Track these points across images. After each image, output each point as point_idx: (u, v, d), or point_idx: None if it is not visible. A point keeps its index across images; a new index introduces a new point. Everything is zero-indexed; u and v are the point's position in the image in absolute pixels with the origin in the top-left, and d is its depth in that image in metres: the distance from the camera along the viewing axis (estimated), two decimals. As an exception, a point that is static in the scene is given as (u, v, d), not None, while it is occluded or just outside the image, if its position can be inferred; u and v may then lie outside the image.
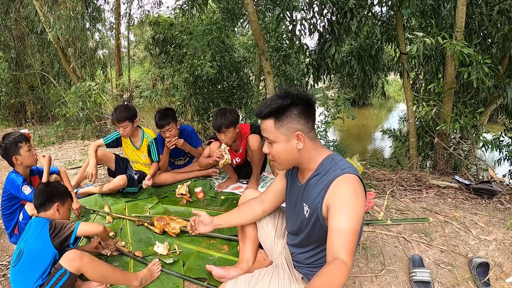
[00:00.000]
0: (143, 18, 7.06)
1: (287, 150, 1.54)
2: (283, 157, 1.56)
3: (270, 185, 1.94)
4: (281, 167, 1.64)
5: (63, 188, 2.28)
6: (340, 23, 4.47)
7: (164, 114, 3.40)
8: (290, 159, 1.57)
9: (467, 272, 2.11)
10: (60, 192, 2.21)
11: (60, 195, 2.19)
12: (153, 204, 3.16)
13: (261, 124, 1.59)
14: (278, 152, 1.55)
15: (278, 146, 1.54)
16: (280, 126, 1.51)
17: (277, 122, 1.51)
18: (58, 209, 2.15)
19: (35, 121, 8.87)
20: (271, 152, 1.58)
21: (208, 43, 6.42)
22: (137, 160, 3.54)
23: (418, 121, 4.78)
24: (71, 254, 1.80)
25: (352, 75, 5.12)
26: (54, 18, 5.93)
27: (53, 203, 2.13)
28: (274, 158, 1.59)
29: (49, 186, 2.20)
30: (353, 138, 11.85)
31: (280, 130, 1.52)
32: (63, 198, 2.21)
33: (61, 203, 2.18)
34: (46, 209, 2.12)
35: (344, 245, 1.31)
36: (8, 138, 2.56)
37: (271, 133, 1.54)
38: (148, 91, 6.99)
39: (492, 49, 4.22)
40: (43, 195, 2.12)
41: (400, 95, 16.79)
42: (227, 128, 2.94)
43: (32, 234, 1.95)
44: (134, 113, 3.36)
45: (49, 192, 2.14)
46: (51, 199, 2.13)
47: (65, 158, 5.06)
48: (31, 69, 8.89)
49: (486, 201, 3.05)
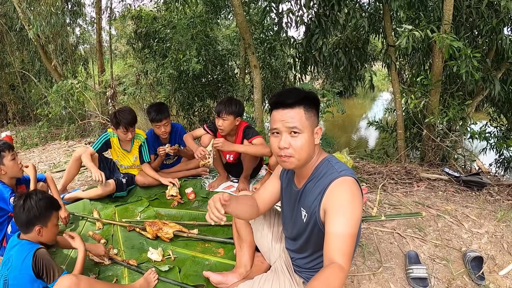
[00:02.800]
0: (125, 12, 6.86)
1: (311, 143, 1.47)
2: (305, 151, 1.46)
3: (263, 185, 1.88)
4: (297, 163, 1.49)
5: (44, 204, 1.94)
6: (327, 16, 4.44)
7: (160, 109, 3.35)
8: (309, 154, 1.49)
9: (461, 266, 2.14)
10: (40, 214, 1.91)
11: (40, 217, 1.91)
12: (144, 207, 3.09)
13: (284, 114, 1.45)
14: (303, 144, 1.44)
15: (304, 137, 1.44)
16: (309, 116, 1.46)
17: (306, 112, 1.45)
18: (40, 232, 1.91)
19: (17, 122, 8.60)
20: (295, 145, 1.44)
21: (192, 37, 6.30)
22: (127, 163, 3.43)
23: (405, 112, 4.81)
24: (66, 281, 1.66)
25: (339, 67, 5.12)
26: (34, 14, 5.70)
27: (33, 227, 1.89)
28: (295, 152, 1.45)
29: (26, 205, 1.88)
30: (338, 128, 11.91)
31: (309, 120, 1.45)
32: (44, 218, 1.93)
33: (43, 224, 1.93)
34: (27, 232, 1.90)
35: (341, 249, 1.30)
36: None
37: (300, 123, 1.43)
38: (132, 87, 6.83)
39: (479, 42, 4.26)
40: (20, 218, 1.88)
41: (383, 84, 16.95)
42: (227, 114, 2.94)
43: (15, 264, 1.78)
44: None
45: (27, 215, 1.88)
46: (30, 222, 1.89)
47: (50, 160, 4.92)
48: (11, 68, 8.58)
49: (476, 193, 3.10)
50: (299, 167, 1.53)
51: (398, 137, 4.68)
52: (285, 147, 1.45)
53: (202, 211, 2.98)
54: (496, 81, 3.80)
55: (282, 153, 1.47)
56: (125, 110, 3.20)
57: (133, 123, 3.19)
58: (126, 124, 3.12)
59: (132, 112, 3.23)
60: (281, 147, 1.45)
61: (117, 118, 3.13)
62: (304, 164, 1.52)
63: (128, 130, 3.16)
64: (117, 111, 3.21)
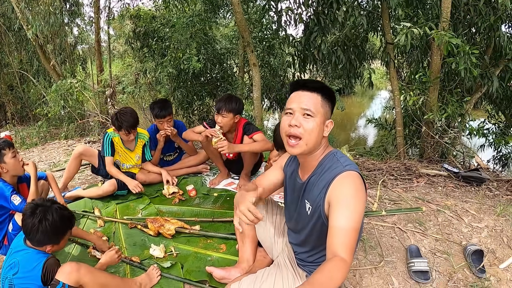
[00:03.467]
0: (123, 11, 6.85)
1: (320, 131, 1.50)
2: (314, 136, 1.48)
3: (264, 174, 1.90)
4: (304, 148, 1.50)
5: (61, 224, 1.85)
6: (326, 13, 4.45)
7: (164, 105, 3.41)
8: (317, 141, 1.51)
9: (462, 260, 2.16)
10: (54, 237, 1.86)
11: (54, 240, 1.87)
12: (145, 204, 3.10)
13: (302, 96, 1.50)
14: (314, 128, 1.47)
15: (316, 121, 1.47)
16: (324, 105, 1.51)
17: (323, 101, 1.51)
18: (51, 249, 1.88)
19: (16, 122, 8.57)
20: (306, 126, 1.47)
21: (191, 36, 6.30)
22: (129, 162, 3.41)
23: (404, 109, 4.83)
24: (67, 267, 1.69)
25: (338, 65, 5.13)
26: (32, 14, 5.68)
27: (45, 245, 1.85)
28: (305, 133, 1.47)
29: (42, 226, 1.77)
30: (337, 126, 11.94)
31: (323, 108, 1.51)
32: (58, 240, 1.89)
33: (56, 243, 1.89)
34: (37, 246, 1.85)
35: (344, 243, 1.32)
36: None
37: (314, 107, 1.48)
38: (131, 86, 6.82)
39: (476, 39, 4.28)
40: (33, 236, 1.80)
41: (382, 82, 16.98)
42: (226, 112, 2.98)
43: (22, 272, 1.76)
44: None
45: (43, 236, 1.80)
46: (44, 242, 1.84)
47: (49, 159, 4.91)
48: (9, 68, 8.54)
49: (475, 188, 3.12)
50: (305, 153, 1.54)
51: (397, 134, 4.69)
52: (296, 125, 1.48)
53: (203, 207, 3.00)
54: (494, 78, 3.82)
55: (292, 131, 1.49)
56: (127, 112, 3.14)
57: (135, 125, 3.16)
58: (128, 127, 3.11)
59: (134, 114, 3.18)
60: (292, 124, 1.49)
61: (119, 121, 3.09)
62: (310, 151, 1.53)
63: (130, 132, 3.15)
64: (119, 113, 3.14)
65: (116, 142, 3.31)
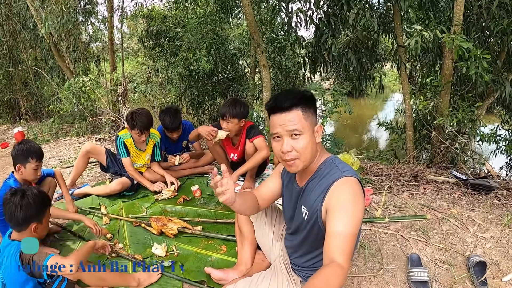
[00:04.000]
0: (136, 11, 6.92)
1: (313, 143, 1.48)
2: (309, 151, 1.47)
3: (264, 182, 1.90)
4: (303, 164, 1.49)
5: (40, 200, 1.95)
6: (336, 15, 4.42)
7: (175, 117, 3.42)
8: (313, 154, 1.50)
9: (464, 271, 2.12)
10: (37, 211, 1.92)
11: (37, 215, 1.93)
12: (150, 203, 3.15)
13: (282, 118, 1.45)
14: (306, 145, 1.45)
15: (306, 138, 1.45)
16: (307, 117, 1.46)
17: (304, 113, 1.46)
18: (36, 229, 1.92)
19: (29, 118, 8.75)
20: (298, 147, 1.45)
21: (203, 36, 6.33)
22: (140, 162, 3.44)
23: (415, 113, 4.76)
24: (66, 261, 1.74)
25: (349, 67, 5.09)
26: (46, 13, 5.79)
27: (29, 224, 1.90)
28: (300, 154, 1.46)
29: (24, 202, 1.86)
30: (349, 128, 11.83)
31: (307, 120, 1.46)
32: (40, 215, 1.95)
33: (39, 221, 1.94)
34: (21, 230, 1.90)
35: (341, 249, 1.30)
36: (24, 145, 2.48)
37: (300, 124, 1.44)
38: (143, 85, 6.90)
39: (490, 43, 4.19)
40: (16, 216, 1.86)
41: (395, 85, 16.76)
42: (231, 117, 2.98)
43: (8, 266, 1.79)
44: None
45: (25, 213, 1.87)
46: (27, 221, 1.89)
47: (60, 156, 5.01)
48: (24, 65, 8.71)
49: (483, 197, 3.06)
50: (306, 166, 1.52)
51: (407, 138, 4.62)
52: (288, 150, 1.45)
53: (207, 208, 3.02)
54: (506, 83, 3.73)
55: (287, 157, 1.47)
56: (142, 113, 3.16)
57: (148, 127, 3.19)
58: (141, 128, 3.14)
59: (149, 116, 3.20)
60: (284, 151, 1.46)
61: (134, 120, 3.13)
62: (309, 164, 1.53)
63: (143, 133, 3.17)
64: (134, 113, 3.16)
65: (129, 144, 3.32)
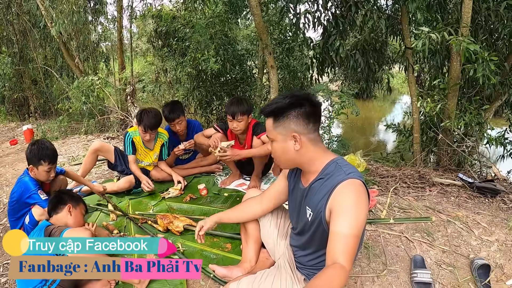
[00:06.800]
0: (145, 11, 6.99)
1: (284, 150, 1.57)
2: (281, 157, 1.61)
3: (272, 183, 1.95)
4: (281, 166, 1.71)
5: (76, 195, 2.37)
6: (344, 17, 4.42)
7: (173, 107, 3.46)
8: (288, 159, 1.60)
9: (468, 273, 2.12)
10: (73, 196, 2.29)
11: (73, 198, 2.26)
12: (157, 201, 3.19)
13: (266, 123, 1.64)
14: (276, 151, 1.60)
15: (276, 145, 1.58)
16: (277, 125, 1.55)
17: (275, 122, 1.56)
18: (70, 210, 2.19)
19: (38, 116, 8.87)
20: (272, 151, 1.63)
21: (211, 37, 6.37)
22: (147, 160, 3.49)
23: (422, 115, 4.74)
24: (77, 232, 1.94)
25: (357, 69, 5.09)
26: (56, 12, 5.89)
27: (65, 205, 2.19)
28: (274, 157, 1.64)
29: (61, 191, 2.32)
30: (357, 130, 11.78)
31: (277, 129, 1.56)
32: (76, 201, 2.27)
33: (74, 205, 2.23)
34: (57, 212, 2.18)
35: (344, 250, 1.32)
36: (37, 146, 2.53)
37: (269, 132, 1.60)
38: (152, 85, 6.96)
39: (498, 45, 4.16)
40: (55, 198, 2.21)
41: (403, 87, 16.64)
42: (241, 115, 3.00)
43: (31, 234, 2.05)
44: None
45: (61, 194, 2.24)
46: (63, 201, 2.20)
47: (69, 153, 5.08)
48: (34, 64, 8.83)
49: (489, 200, 3.04)
50: (287, 167, 1.75)
51: (414, 140, 4.61)
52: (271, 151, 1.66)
53: (213, 206, 3.05)
54: (514, 86, 3.72)
55: None
56: (151, 113, 3.21)
57: (154, 127, 3.22)
58: (146, 127, 3.19)
59: (157, 116, 3.24)
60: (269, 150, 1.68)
61: (141, 117, 3.19)
62: (290, 166, 1.70)
63: (147, 132, 3.21)
64: (144, 111, 3.22)
65: (137, 142, 3.38)
